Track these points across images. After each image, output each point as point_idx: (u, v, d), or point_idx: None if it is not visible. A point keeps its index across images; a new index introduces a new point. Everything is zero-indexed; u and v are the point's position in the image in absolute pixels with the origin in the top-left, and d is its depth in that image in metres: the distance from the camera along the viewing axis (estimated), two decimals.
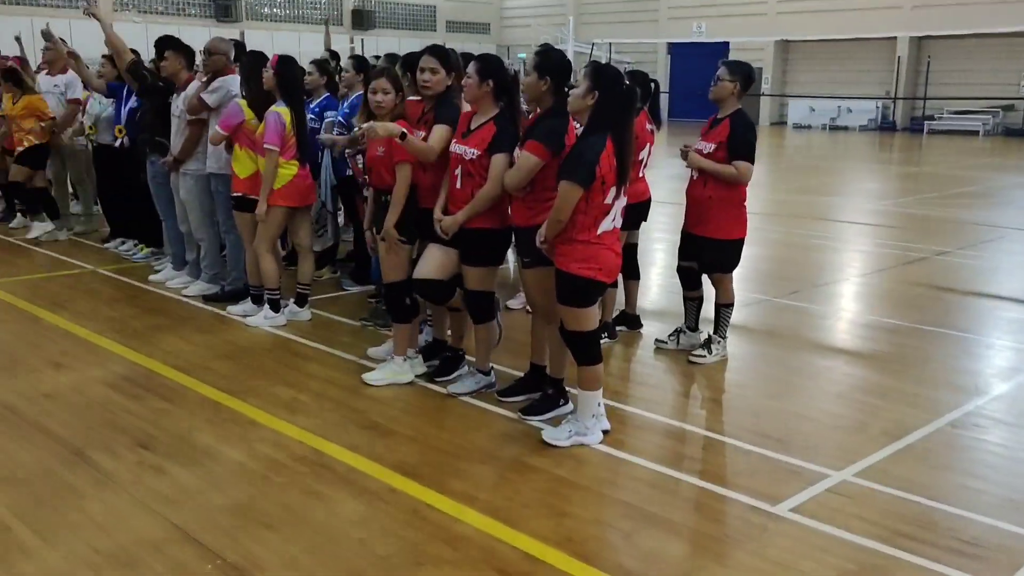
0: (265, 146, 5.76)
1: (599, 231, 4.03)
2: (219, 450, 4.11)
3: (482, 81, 4.45)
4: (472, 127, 4.55)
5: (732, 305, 5.54)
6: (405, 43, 32.98)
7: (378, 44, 33.44)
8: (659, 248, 8.98)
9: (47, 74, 9.21)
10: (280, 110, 5.84)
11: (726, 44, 31.92)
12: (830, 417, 4.78)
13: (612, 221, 4.08)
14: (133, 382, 5.00)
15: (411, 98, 5.11)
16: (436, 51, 4.82)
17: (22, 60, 9.56)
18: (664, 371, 5.48)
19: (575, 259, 4.03)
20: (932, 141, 25.66)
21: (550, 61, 4.26)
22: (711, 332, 5.57)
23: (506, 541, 3.35)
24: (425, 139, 4.76)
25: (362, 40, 30.94)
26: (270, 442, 4.21)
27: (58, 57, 9.09)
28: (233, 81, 6.36)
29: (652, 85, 5.83)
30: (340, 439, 4.25)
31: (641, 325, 6.16)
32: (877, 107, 29.74)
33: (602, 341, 4.81)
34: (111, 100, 8.22)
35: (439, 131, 4.68)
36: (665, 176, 12.69)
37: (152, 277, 7.35)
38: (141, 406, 4.65)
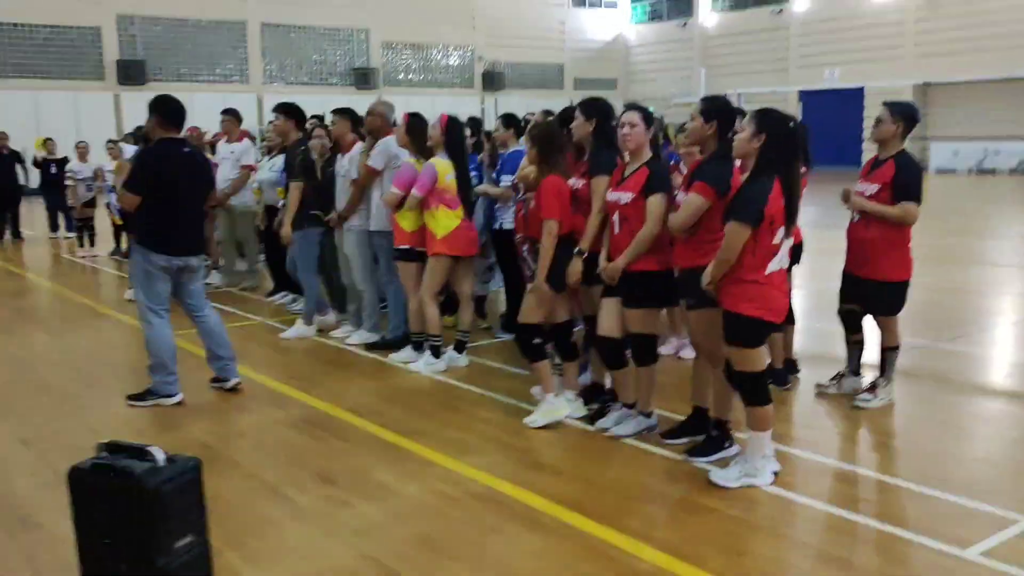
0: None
1: (767, 271, 4.06)
2: (398, 486, 4.30)
3: (647, 128, 4.65)
4: (626, 174, 4.71)
5: (898, 348, 5.41)
6: (534, 102, 33.77)
7: (509, 104, 34.43)
8: (801, 293, 8.84)
9: (225, 142, 9.91)
10: (437, 163, 6.13)
11: (861, 89, 31.28)
12: (1012, 462, 4.60)
13: (780, 262, 4.11)
14: (312, 423, 5.29)
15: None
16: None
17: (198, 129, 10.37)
18: (828, 415, 5.39)
19: (744, 299, 4.07)
20: None
21: (715, 106, 4.38)
22: (877, 376, 5.45)
23: None
24: (584, 189, 4.94)
25: (495, 100, 31.91)
26: (445, 479, 4.38)
27: (233, 127, 9.79)
28: (391, 142, 6.71)
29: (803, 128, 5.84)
30: (511, 477, 4.38)
31: (799, 370, 6.08)
32: None
33: (770, 386, 4.79)
34: (274, 164, 8.80)
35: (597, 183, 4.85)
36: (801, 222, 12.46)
37: (283, 335, 7.64)
38: (322, 445, 4.93)
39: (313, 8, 32.28)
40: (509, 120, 7.05)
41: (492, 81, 36.63)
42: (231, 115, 9.89)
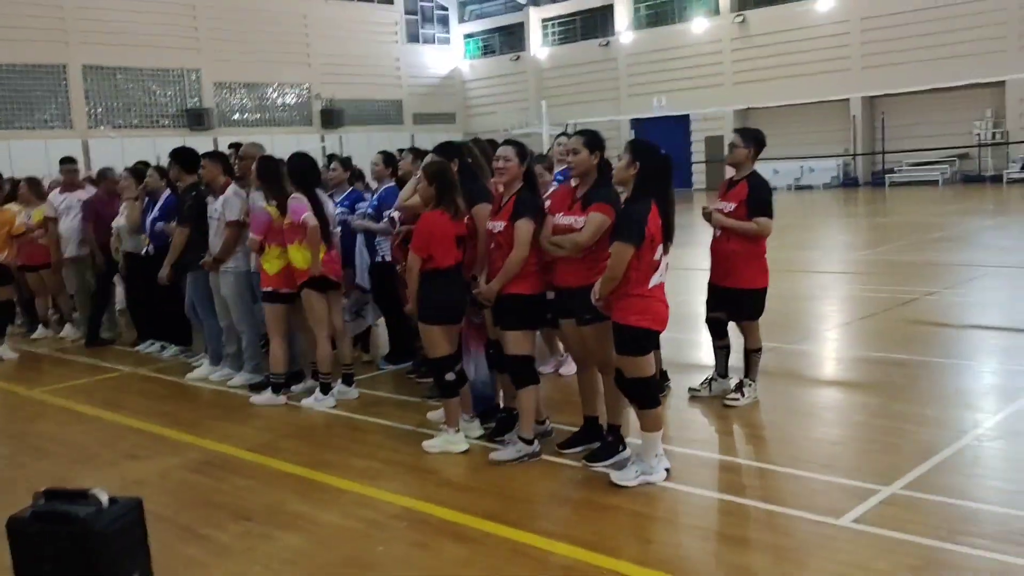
0: (304, 216, 6.17)
1: (650, 285, 4.47)
2: (315, 515, 4.42)
3: (520, 164, 4.99)
4: (502, 204, 5.05)
5: (760, 350, 5.97)
6: (374, 137, 33.91)
7: (348, 140, 34.42)
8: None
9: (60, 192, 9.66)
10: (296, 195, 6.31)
11: (686, 116, 33.18)
12: (864, 443, 5.20)
13: (660, 276, 4.53)
14: (213, 465, 5.30)
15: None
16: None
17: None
18: (703, 415, 5.88)
19: (632, 312, 4.46)
20: (895, 193, 26.70)
21: (596, 139, 4.79)
22: (742, 377, 5.98)
23: (606, 567, 3.69)
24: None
25: (340, 137, 31.82)
26: (361, 504, 4.53)
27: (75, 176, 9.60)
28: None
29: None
30: (425, 496, 4.58)
31: (669, 379, 6.52)
32: (838, 165, 30.88)
33: None
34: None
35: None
36: None
37: (191, 375, 7.60)
38: (228, 485, 4.96)
39: (139, 49, 31.22)
40: (388, 158, 7.29)
41: (331, 119, 36.49)
42: (72, 163, 9.70)
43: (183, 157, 7.67)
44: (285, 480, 4.98)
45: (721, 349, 6.14)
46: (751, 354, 5.93)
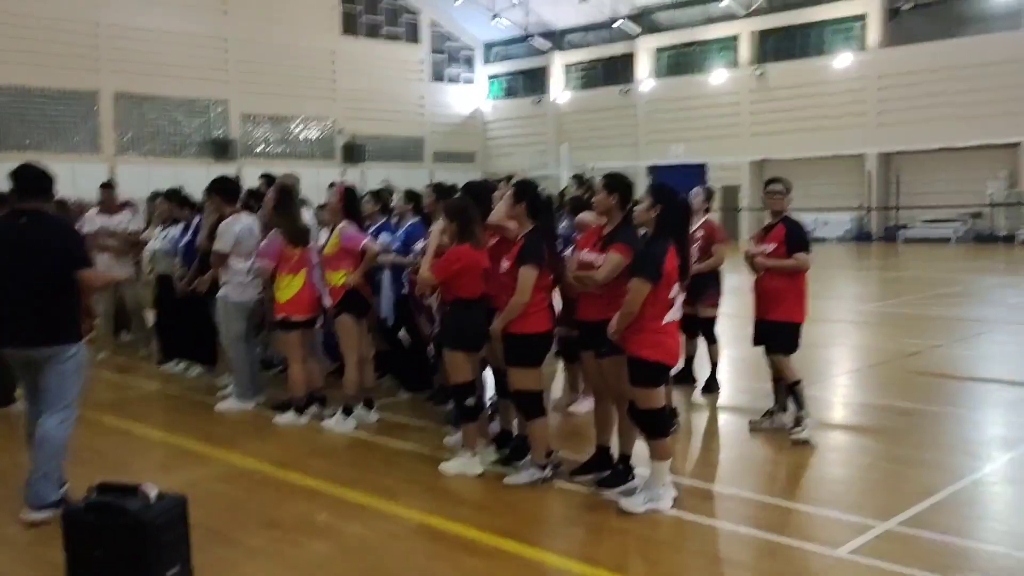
0: (364, 243, 6.59)
1: (664, 321, 4.74)
2: (340, 526, 4.67)
3: (517, 202, 5.25)
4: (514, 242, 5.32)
5: (800, 381, 6.21)
6: (395, 174, 34.45)
7: (369, 176, 34.95)
8: None
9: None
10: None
11: (703, 164, 33.59)
12: (865, 482, 5.42)
13: (674, 314, 4.79)
14: (242, 477, 5.56)
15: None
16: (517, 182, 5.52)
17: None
18: (709, 449, 6.10)
19: (645, 346, 4.72)
20: (907, 248, 26.94)
21: (616, 181, 5.08)
22: (798, 411, 6.19)
23: None
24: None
25: (361, 172, 32.33)
26: (382, 518, 4.77)
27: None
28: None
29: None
30: (443, 513, 4.82)
31: (677, 416, 6.70)
32: (852, 219, 31.16)
33: None
34: (167, 234, 9.01)
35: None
36: None
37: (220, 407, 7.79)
38: (256, 495, 5.21)
39: (169, 79, 31.98)
40: (410, 196, 7.61)
41: (353, 153, 37.10)
42: (110, 188, 10.11)
43: (224, 187, 8.03)
44: (310, 493, 5.23)
45: (778, 382, 6.39)
46: (793, 387, 6.18)
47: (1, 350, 4.90)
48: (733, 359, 9.37)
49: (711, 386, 7.58)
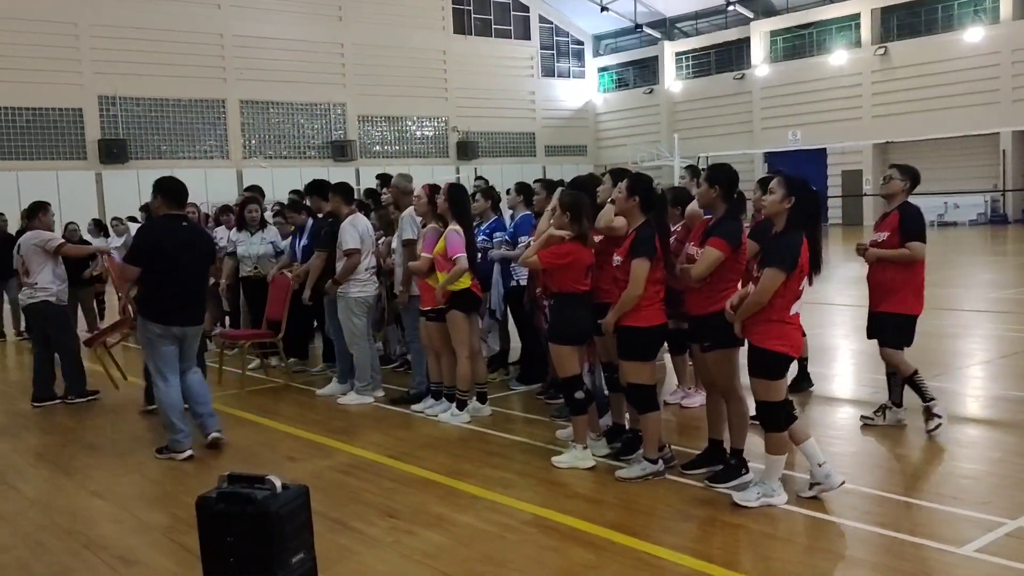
0: (457, 256, 6.55)
1: (791, 312, 4.65)
2: (454, 517, 4.79)
3: (630, 196, 5.22)
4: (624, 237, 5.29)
5: (917, 372, 6.02)
6: (507, 169, 34.79)
7: (482, 172, 35.35)
8: None
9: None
10: (455, 228, 6.70)
11: (823, 150, 32.57)
12: (994, 476, 5.19)
13: (799, 305, 4.70)
14: (360, 468, 5.78)
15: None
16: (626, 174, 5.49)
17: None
18: (834, 444, 5.94)
19: (771, 336, 4.64)
20: None
21: (718, 173, 5.03)
22: (924, 402, 6.01)
23: None
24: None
25: (474, 169, 32.78)
26: (495, 510, 4.88)
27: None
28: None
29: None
30: (555, 505, 4.89)
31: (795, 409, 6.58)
32: (986, 201, 29.64)
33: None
34: (263, 238, 9.39)
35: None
36: None
37: (321, 392, 8.10)
38: (374, 486, 5.40)
39: (290, 85, 33.22)
40: (521, 188, 7.71)
41: (466, 150, 37.67)
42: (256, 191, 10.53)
43: (318, 188, 8.31)
44: (426, 484, 5.39)
45: (893, 376, 6.21)
46: (911, 380, 5.99)
47: (169, 326, 6.06)
48: (854, 352, 9.10)
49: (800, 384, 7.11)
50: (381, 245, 8.19)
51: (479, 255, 7.22)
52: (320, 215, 8.50)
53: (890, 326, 5.99)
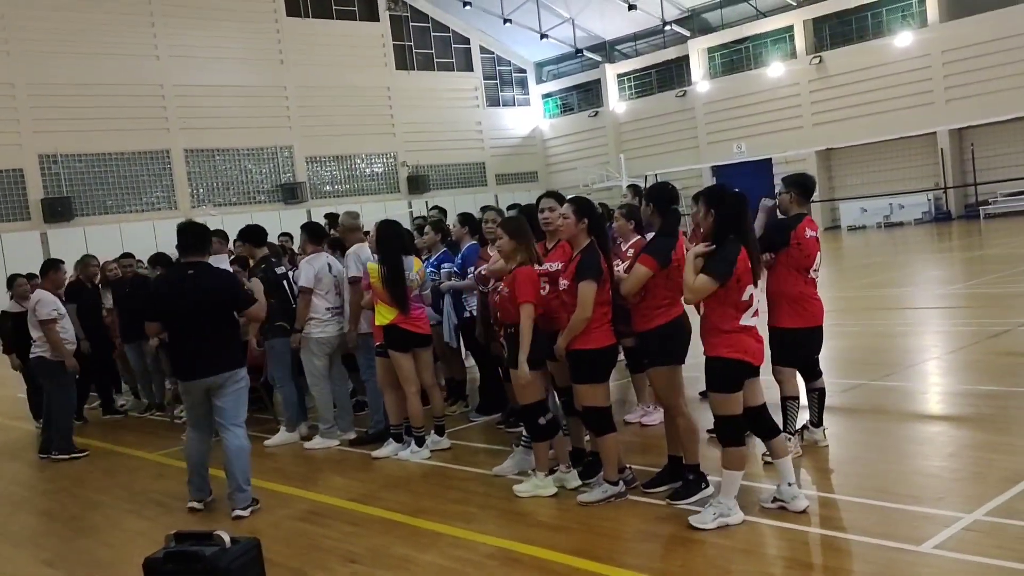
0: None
1: (741, 322, 4.64)
2: (416, 557, 4.73)
3: (579, 220, 5.22)
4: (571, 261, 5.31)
5: (796, 399, 5.72)
6: (460, 200, 34.79)
7: (434, 204, 35.29)
8: None
9: None
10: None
11: (768, 160, 33.06)
12: (948, 472, 5.25)
13: (753, 317, 4.70)
14: (319, 514, 5.68)
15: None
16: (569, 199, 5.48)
17: None
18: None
19: (722, 345, 4.65)
20: (991, 225, 25.98)
21: (651, 190, 5.10)
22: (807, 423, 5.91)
23: None
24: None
25: (426, 202, 32.78)
26: (457, 546, 4.82)
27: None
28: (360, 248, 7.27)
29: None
30: (517, 536, 4.84)
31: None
32: (929, 199, 30.24)
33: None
34: None
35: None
36: None
37: (268, 442, 7.82)
38: (335, 531, 5.32)
39: (235, 130, 32.98)
40: (466, 219, 7.70)
41: (417, 184, 37.63)
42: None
43: (248, 235, 8.18)
44: (387, 526, 5.31)
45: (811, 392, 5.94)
46: (784, 402, 5.73)
47: (189, 382, 5.77)
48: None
49: None
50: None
51: (426, 289, 7.13)
52: (252, 263, 8.26)
53: (773, 341, 5.61)
